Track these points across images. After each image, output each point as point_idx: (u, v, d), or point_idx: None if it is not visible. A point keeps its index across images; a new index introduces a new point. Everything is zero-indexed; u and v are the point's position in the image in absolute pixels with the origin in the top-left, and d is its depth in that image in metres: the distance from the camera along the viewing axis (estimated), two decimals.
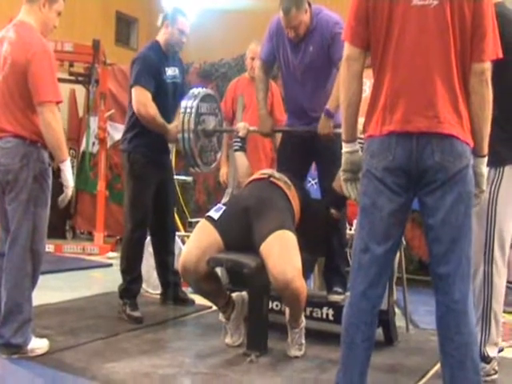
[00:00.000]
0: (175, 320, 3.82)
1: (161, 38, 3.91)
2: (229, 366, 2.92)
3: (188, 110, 3.56)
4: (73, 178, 3.04)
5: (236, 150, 3.62)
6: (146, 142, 3.77)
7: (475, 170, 2.10)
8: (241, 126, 3.62)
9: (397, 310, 3.58)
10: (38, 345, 2.95)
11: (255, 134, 3.89)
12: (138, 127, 3.76)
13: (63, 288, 4.59)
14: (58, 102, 2.89)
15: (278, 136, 4.05)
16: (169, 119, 3.79)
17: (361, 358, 2.12)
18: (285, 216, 3.08)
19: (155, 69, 3.77)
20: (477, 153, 2.11)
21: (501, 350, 3.01)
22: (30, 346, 2.90)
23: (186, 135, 3.54)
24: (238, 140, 3.60)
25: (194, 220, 4.90)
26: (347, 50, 2.13)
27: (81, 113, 7.86)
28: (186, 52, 4.19)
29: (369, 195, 2.10)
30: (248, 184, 3.40)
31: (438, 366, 2.61)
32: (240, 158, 3.60)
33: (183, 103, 3.61)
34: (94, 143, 7.29)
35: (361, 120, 2.19)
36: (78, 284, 3.82)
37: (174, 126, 3.76)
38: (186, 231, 5.18)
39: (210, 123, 3.73)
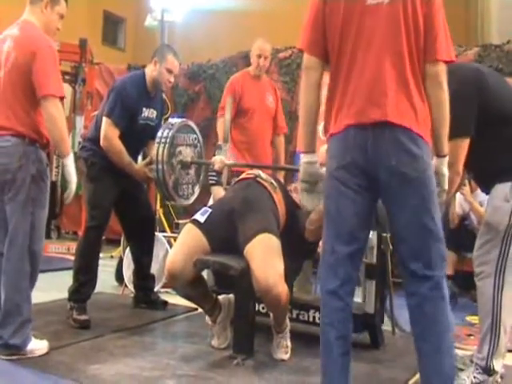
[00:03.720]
0: (161, 322, 3.80)
1: (148, 73, 3.82)
2: (214, 369, 2.90)
3: (163, 140, 3.46)
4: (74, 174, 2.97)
5: (212, 185, 3.49)
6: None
7: (436, 170, 2.13)
8: (217, 160, 3.48)
9: None
10: (38, 346, 2.93)
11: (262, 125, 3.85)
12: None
13: (48, 288, 4.53)
14: (61, 98, 2.88)
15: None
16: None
17: (336, 355, 2.10)
18: (269, 218, 3.07)
19: (131, 107, 3.69)
20: (437, 153, 2.15)
21: None
22: (29, 347, 2.87)
23: (159, 166, 3.44)
24: (214, 174, 3.47)
25: (180, 221, 4.88)
26: (305, 59, 2.18)
27: (67, 112, 7.79)
28: None
29: (332, 198, 2.13)
30: (234, 184, 3.39)
31: None
32: (217, 192, 3.47)
33: (159, 133, 3.51)
34: (79, 143, 7.22)
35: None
36: (63, 284, 3.78)
37: (141, 166, 3.74)
38: (172, 232, 5.16)
39: (187, 155, 3.63)
